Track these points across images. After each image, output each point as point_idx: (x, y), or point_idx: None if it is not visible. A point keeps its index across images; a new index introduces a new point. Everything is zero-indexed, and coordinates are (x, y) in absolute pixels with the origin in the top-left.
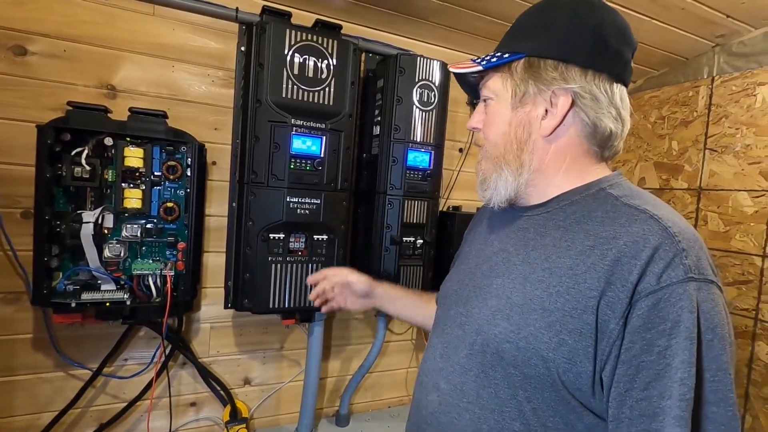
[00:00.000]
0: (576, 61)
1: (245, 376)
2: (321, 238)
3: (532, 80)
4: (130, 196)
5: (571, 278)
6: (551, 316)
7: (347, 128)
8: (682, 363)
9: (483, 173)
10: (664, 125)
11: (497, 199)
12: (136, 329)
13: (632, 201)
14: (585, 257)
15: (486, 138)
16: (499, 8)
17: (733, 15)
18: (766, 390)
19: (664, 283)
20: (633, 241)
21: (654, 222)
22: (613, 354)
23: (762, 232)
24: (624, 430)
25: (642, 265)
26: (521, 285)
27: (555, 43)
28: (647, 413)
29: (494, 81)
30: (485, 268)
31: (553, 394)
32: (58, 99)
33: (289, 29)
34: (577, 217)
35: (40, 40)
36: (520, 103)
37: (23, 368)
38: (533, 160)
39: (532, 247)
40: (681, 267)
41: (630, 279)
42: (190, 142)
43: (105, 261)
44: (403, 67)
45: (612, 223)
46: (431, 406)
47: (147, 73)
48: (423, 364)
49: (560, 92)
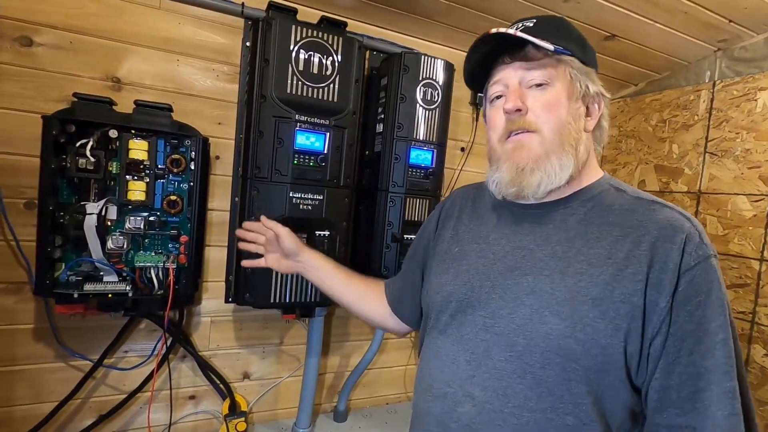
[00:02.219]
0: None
1: (245, 371)
2: (323, 234)
3: (588, 81)
4: (134, 189)
5: (611, 266)
6: (602, 305)
7: (351, 125)
8: (720, 327)
9: (529, 159)
10: (664, 128)
11: (547, 186)
12: (137, 321)
13: (638, 194)
14: (619, 246)
15: (544, 121)
16: (503, 8)
17: (735, 20)
18: (761, 393)
19: (696, 261)
20: (663, 227)
21: (671, 210)
22: (663, 330)
23: (760, 236)
24: (673, 395)
25: (679, 247)
26: (560, 279)
27: (590, 55)
28: (693, 375)
29: (556, 68)
30: (500, 267)
31: (612, 379)
32: (64, 90)
33: (294, 25)
34: (597, 211)
35: (46, 32)
36: (577, 97)
37: (24, 358)
38: (582, 152)
39: (556, 242)
40: (705, 246)
41: (672, 261)
42: (194, 135)
43: (108, 252)
44: (407, 66)
45: (632, 213)
46: (466, 417)
47: (152, 66)
48: (438, 374)
49: (601, 98)
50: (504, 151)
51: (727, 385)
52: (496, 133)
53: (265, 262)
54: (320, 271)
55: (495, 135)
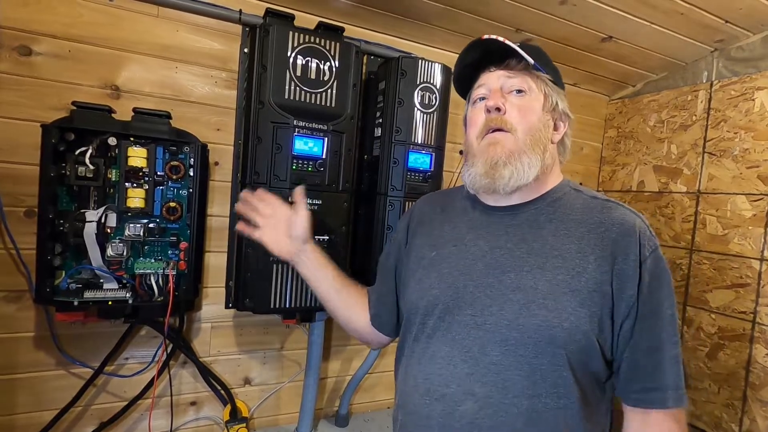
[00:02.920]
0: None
1: (245, 376)
2: (322, 238)
3: (558, 99)
4: (134, 196)
5: (582, 259)
6: (580, 295)
7: (349, 130)
8: (669, 305)
9: (503, 154)
10: (663, 129)
11: (516, 181)
12: (137, 328)
13: (593, 194)
14: (586, 241)
15: (518, 123)
16: (499, 12)
17: (731, 20)
18: (763, 393)
19: (650, 251)
20: (621, 224)
21: (623, 208)
22: (632, 314)
23: (760, 235)
24: (641, 366)
25: (636, 241)
26: (540, 274)
27: (561, 81)
28: (654, 349)
29: (533, 80)
30: (481, 266)
31: (589, 359)
32: (63, 99)
33: (291, 31)
34: (564, 210)
35: (44, 41)
36: (548, 109)
37: (25, 366)
38: (548, 157)
39: (532, 240)
40: (653, 238)
41: (633, 253)
42: (193, 142)
43: (107, 260)
44: (405, 70)
45: (591, 211)
46: (468, 415)
47: (151, 73)
48: (435, 377)
49: (567, 118)
50: (480, 147)
51: (674, 353)
52: (475, 129)
53: (260, 236)
54: (317, 267)
55: (474, 131)
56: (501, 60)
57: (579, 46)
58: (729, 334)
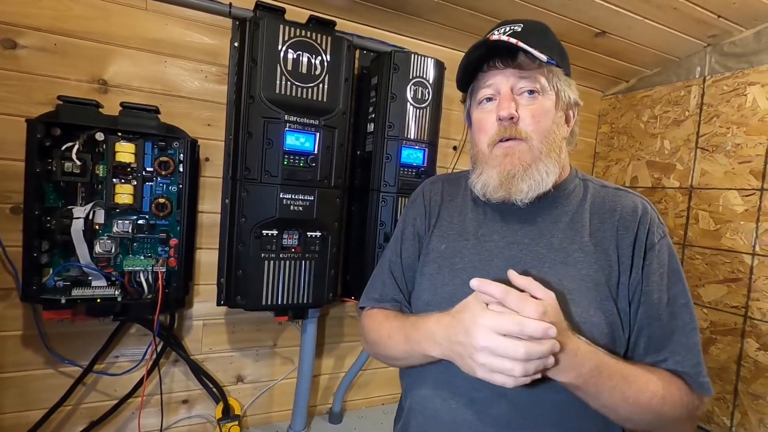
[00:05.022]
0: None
1: (238, 374)
2: (314, 235)
3: (570, 92)
4: (122, 192)
5: (601, 251)
6: (603, 287)
7: (341, 125)
8: (680, 292)
9: (520, 167)
10: (656, 124)
11: (535, 192)
12: (127, 326)
13: (602, 183)
14: (601, 232)
15: (533, 130)
16: (492, 6)
17: (724, 15)
18: (754, 386)
19: (659, 238)
20: (633, 211)
21: (633, 195)
22: (637, 299)
23: (752, 230)
24: (651, 348)
25: (645, 227)
26: (563, 269)
27: (568, 64)
28: (666, 334)
29: (544, 77)
30: (499, 262)
31: (617, 348)
32: (49, 93)
33: (282, 25)
34: (578, 201)
35: (30, 34)
36: (561, 107)
37: (13, 365)
38: (563, 157)
39: (550, 235)
40: (662, 225)
41: (640, 239)
42: (182, 137)
43: (96, 257)
44: (397, 65)
45: (603, 201)
46: (503, 418)
47: (139, 68)
48: (460, 380)
49: (576, 108)
50: (493, 156)
51: (694, 340)
52: (485, 137)
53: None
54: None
55: (485, 138)
56: (508, 54)
57: (573, 41)
58: (721, 329)
